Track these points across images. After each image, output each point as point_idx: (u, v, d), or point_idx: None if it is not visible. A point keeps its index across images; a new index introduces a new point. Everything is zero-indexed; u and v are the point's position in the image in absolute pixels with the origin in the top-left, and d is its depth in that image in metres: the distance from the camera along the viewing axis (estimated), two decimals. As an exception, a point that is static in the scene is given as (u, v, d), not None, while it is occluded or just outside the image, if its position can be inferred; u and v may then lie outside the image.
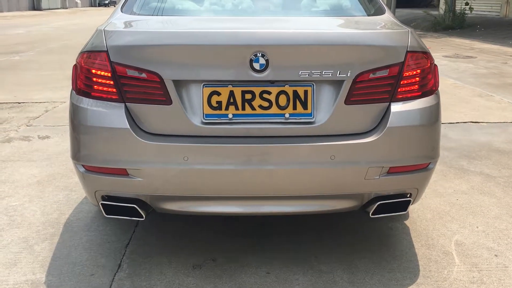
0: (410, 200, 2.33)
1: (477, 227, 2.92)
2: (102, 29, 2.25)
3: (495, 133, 4.93)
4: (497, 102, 6.32)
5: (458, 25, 16.40)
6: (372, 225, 2.93)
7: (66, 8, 48.05)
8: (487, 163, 4.03)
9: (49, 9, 41.60)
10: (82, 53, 2.25)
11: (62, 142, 4.53)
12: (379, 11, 2.67)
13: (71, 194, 3.39)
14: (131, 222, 2.93)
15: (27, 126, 5.13)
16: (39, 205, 3.21)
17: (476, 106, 6.10)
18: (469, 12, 16.61)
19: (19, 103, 6.19)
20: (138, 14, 2.58)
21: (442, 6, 19.21)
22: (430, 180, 2.43)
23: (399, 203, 2.33)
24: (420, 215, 3.07)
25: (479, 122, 5.37)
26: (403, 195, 2.33)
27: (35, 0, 41.19)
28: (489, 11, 19.02)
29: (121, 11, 2.57)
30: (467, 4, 16.33)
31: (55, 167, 3.89)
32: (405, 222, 2.98)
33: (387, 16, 2.60)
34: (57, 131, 4.90)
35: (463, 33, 15.72)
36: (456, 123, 5.33)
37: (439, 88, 2.39)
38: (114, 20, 2.45)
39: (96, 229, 2.89)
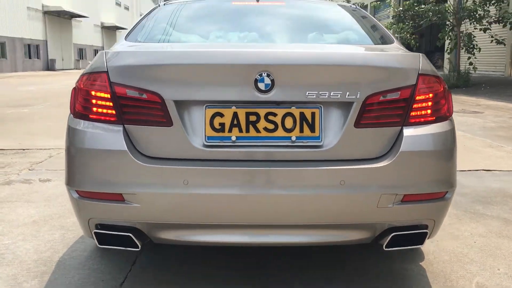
0: (427, 233, 2.17)
1: (499, 269, 2.71)
2: (103, 51, 2.19)
3: (509, 181, 4.76)
4: (509, 152, 6.19)
5: (463, 84, 16.54)
6: (386, 266, 2.73)
7: (79, 69, 49.38)
8: (503, 208, 3.84)
9: (63, 69, 42.77)
10: (82, 75, 2.18)
11: (63, 184, 4.39)
12: (388, 41, 2.62)
13: (67, 233, 3.23)
14: (127, 260, 2.76)
15: (29, 170, 5.04)
16: (32, 244, 3.05)
17: (487, 156, 5.96)
18: (473, 71, 16.80)
19: (24, 149, 6.13)
20: (142, 42, 2.54)
21: (446, 65, 19.48)
22: (447, 212, 2.27)
23: (415, 236, 2.17)
24: (437, 257, 2.87)
25: (492, 170, 5.22)
26: (419, 226, 2.17)
27: (49, 61, 42.40)
28: (493, 71, 19.24)
29: (125, 40, 2.54)
30: (471, 64, 16.54)
31: (53, 208, 3.75)
32: (420, 263, 2.79)
33: (396, 44, 2.54)
34: (59, 175, 4.79)
35: (468, 91, 15.81)
36: (468, 170, 5.17)
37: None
38: (117, 46, 2.41)
39: (90, 267, 2.72)
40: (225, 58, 2.08)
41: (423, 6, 16.79)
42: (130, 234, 2.09)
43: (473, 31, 16.62)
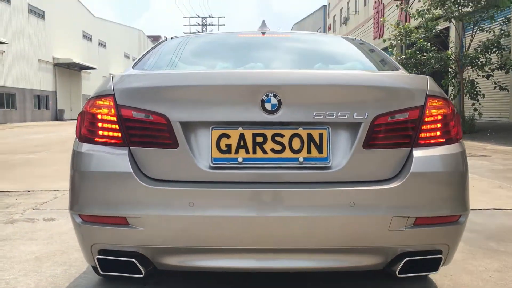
0: (441, 258, 2.09)
1: (517, 302, 2.60)
2: (111, 76, 2.20)
3: (521, 219, 4.66)
4: (519, 193, 6.09)
5: (469, 129, 16.55)
6: (398, 299, 2.63)
7: (87, 120, 49.97)
8: (518, 245, 3.73)
9: (71, 119, 43.36)
10: (89, 100, 2.19)
11: (67, 223, 4.35)
12: (394, 68, 2.63)
13: (69, 269, 3.15)
14: (131, 294, 2.67)
15: (33, 210, 5.00)
16: (33, 279, 2.97)
17: (498, 196, 5.87)
18: (478, 117, 16.84)
19: (29, 191, 6.11)
20: (149, 70, 2.56)
21: (451, 112, 19.52)
22: (461, 237, 2.19)
23: (429, 262, 2.09)
24: (451, 290, 2.76)
25: (503, 209, 5.12)
26: (433, 252, 2.09)
27: (58, 111, 43.08)
28: (498, 117, 19.30)
29: (132, 68, 2.56)
30: (475, 110, 16.61)
31: (57, 245, 3.68)
32: (434, 296, 2.68)
33: (402, 71, 2.55)
34: (64, 214, 4.74)
35: (474, 137, 15.80)
36: (479, 209, 5.07)
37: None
38: (124, 73, 2.43)
39: (93, 301, 2.63)
40: (231, 79, 2.09)
41: (425, 54, 17.06)
42: (134, 260, 2.03)
43: (476, 78, 16.80)
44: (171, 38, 3.15)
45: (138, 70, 2.53)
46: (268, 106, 2.01)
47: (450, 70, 17.28)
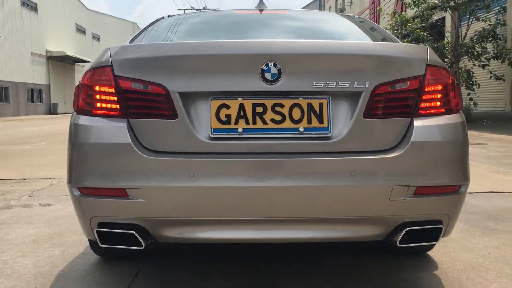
0: (441, 228, 2.08)
1: (517, 276, 2.60)
2: (108, 47, 2.17)
3: (519, 201, 4.67)
4: (516, 177, 6.11)
5: (465, 119, 16.59)
6: (400, 274, 2.62)
7: (81, 113, 49.72)
8: (516, 224, 3.74)
9: (65, 113, 43.13)
10: (86, 72, 2.16)
11: (64, 208, 4.33)
12: (395, 41, 2.60)
13: (67, 250, 3.13)
14: (129, 272, 2.66)
15: (29, 196, 4.96)
16: (31, 260, 2.95)
17: (495, 180, 5.88)
18: (474, 107, 16.87)
19: (25, 179, 6.07)
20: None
21: (446, 102, 19.54)
22: (462, 207, 2.19)
23: (429, 232, 2.08)
24: (450, 266, 2.76)
25: (500, 192, 5.13)
26: (434, 222, 2.09)
27: (51, 105, 42.84)
28: (494, 107, 19.32)
29: (129, 43, 2.52)
30: (471, 99, 16.64)
31: (54, 228, 3.66)
32: (434, 272, 2.68)
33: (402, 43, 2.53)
34: (60, 200, 4.71)
35: (470, 126, 15.80)
36: (476, 193, 5.08)
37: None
38: (122, 44, 2.40)
39: (91, 279, 2.61)
40: (230, 48, 2.06)
41: (421, 44, 17.04)
42: (134, 232, 2.01)
43: (472, 68, 16.81)
44: (168, 16, 3.12)
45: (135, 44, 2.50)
46: (268, 75, 1.98)
47: (446, 60, 17.27)
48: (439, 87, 2.11)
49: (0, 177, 6.17)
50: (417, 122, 2.05)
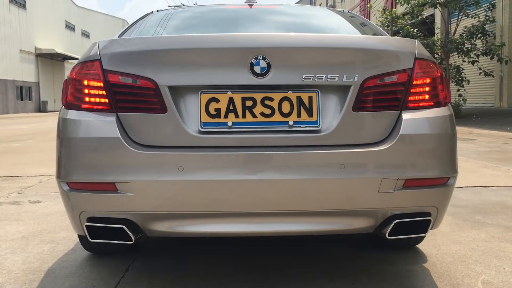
0: (430, 220, 2.10)
1: (504, 268, 2.63)
2: (97, 41, 2.16)
3: (507, 195, 4.71)
4: (504, 172, 6.16)
5: (454, 115, 16.70)
6: (389, 267, 2.64)
7: (71, 111, 49.36)
8: (503, 217, 3.77)
9: (55, 111, 42.81)
10: (74, 66, 2.15)
11: (54, 205, 4.30)
12: (383, 35, 2.61)
13: (57, 246, 3.11)
14: (120, 267, 2.65)
15: (18, 193, 4.92)
16: (21, 256, 2.93)
17: (483, 175, 5.93)
18: (463, 103, 16.99)
19: (13, 176, 6.02)
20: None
21: (436, 98, 19.66)
22: (450, 199, 2.21)
23: (418, 224, 2.10)
24: (440, 259, 2.78)
25: (489, 186, 5.17)
26: (422, 214, 2.10)
27: (41, 103, 42.52)
28: (484, 103, 19.48)
29: (118, 37, 2.51)
30: (460, 95, 16.76)
31: (43, 225, 3.63)
32: (423, 265, 2.70)
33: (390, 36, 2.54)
34: (49, 197, 4.68)
35: (460, 122, 15.93)
36: (465, 187, 5.12)
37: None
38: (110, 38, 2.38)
39: (82, 275, 2.60)
40: (220, 42, 2.06)
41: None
42: (123, 226, 2.00)
43: (461, 64, 16.91)
44: (157, 11, 3.11)
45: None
46: (257, 69, 1.98)
47: (436, 56, 17.37)
48: (428, 80, 2.12)
49: (-12, 175, 6.12)
50: (406, 115, 2.06)
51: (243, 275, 2.56)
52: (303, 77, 2.01)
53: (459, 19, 16.76)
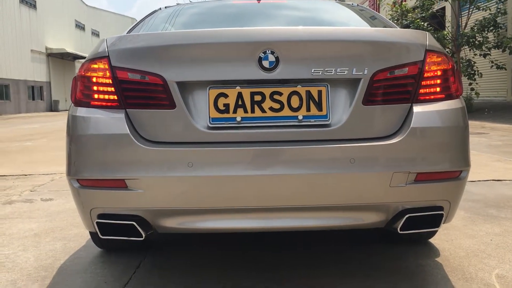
0: (442, 215, 2.07)
1: (519, 263, 2.59)
2: (105, 38, 2.16)
3: (521, 188, 4.66)
4: (517, 165, 6.09)
5: (466, 109, 16.53)
6: (401, 262, 2.62)
7: (82, 110, 49.68)
8: (518, 211, 3.73)
9: (66, 110, 43.02)
10: (83, 63, 2.15)
11: (66, 203, 4.33)
12: (393, 27, 2.58)
13: (69, 243, 3.13)
14: (131, 264, 2.66)
15: (31, 191, 4.96)
16: (33, 253, 2.95)
17: (496, 168, 5.86)
18: (475, 97, 16.81)
19: (26, 175, 6.07)
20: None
21: (448, 92, 19.48)
22: (463, 193, 2.18)
23: (430, 218, 2.07)
24: (453, 253, 2.75)
25: (502, 180, 5.11)
26: (435, 208, 2.08)
27: (52, 102, 42.82)
28: (495, 96, 19.26)
29: (126, 34, 2.51)
30: (472, 89, 16.58)
31: (55, 223, 3.66)
32: (436, 259, 2.67)
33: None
34: (61, 194, 4.71)
35: (472, 116, 15.77)
36: (478, 181, 5.07)
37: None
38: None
39: (93, 271, 2.61)
40: (227, 37, 2.05)
41: (421, 34, 16.95)
42: (134, 223, 2.00)
43: (473, 57, 16.73)
44: (165, 7, 3.10)
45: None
46: (265, 63, 1.97)
47: (447, 50, 17.21)
48: (439, 73, 2.09)
49: (1, 174, 6.18)
50: (417, 108, 2.03)
51: (254, 274, 2.55)
52: (312, 71, 1.99)
53: (470, 12, 16.57)
